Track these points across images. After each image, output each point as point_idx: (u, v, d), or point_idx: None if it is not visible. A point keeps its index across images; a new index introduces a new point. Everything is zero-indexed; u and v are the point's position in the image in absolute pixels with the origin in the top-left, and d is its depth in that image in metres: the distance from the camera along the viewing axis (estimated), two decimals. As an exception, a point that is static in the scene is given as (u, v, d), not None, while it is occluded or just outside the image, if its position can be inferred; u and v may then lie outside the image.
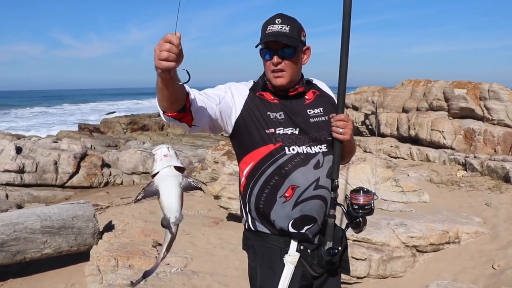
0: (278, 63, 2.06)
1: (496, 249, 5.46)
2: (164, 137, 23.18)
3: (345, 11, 2.13)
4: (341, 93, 2.18)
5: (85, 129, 26.55)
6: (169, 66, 1.61)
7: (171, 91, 1.73)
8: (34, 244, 5.87)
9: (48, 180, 12.07)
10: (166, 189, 1.80)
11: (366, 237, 5.23)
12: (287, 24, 2.06)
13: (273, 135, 2.07)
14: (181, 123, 1.89)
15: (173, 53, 1.59)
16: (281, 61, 2.06)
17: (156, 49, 1.61)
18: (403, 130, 12.39)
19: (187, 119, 1.89)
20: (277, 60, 2.05)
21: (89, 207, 6.63)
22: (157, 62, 1.61)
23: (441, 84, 12.33)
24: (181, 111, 1.84)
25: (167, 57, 1.59)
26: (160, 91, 1.73)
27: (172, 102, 1.79)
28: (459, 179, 9.09)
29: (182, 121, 1.88)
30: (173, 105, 1.81)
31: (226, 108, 2.04)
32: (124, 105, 63.53)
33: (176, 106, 1.82)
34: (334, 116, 2.14)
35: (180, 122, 1.88)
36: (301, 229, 2.10)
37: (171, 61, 1.60)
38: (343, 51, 2.14)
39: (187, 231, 6.75)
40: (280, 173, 2.07)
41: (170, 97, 1.76)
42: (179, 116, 1.85)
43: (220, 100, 2.01)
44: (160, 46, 1.60)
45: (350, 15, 2.13)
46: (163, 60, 1.60)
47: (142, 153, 13.61)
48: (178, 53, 1.61)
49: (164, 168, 1.78)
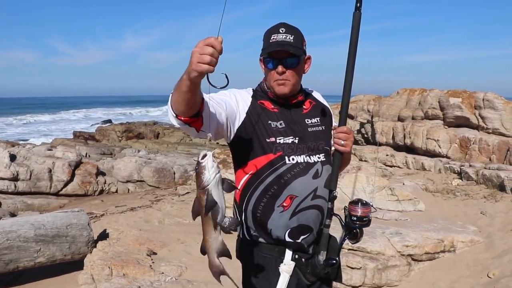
0: (283, 72, 2.07)
1: (491, 257, 5.47)
2: (159, 145, 23.11)
3: (354, 25, 2.12)
4: (345, 105, 2.18)
5: (80, 137, 26.42)
6: (209, 70, 1.57)
7: (194, 95, 1.70)
8: (27, 252, 5.81)
9: (42, 188, 11.97)
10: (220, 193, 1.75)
11: (361, 246, 5.22)
12: (291, 34, 2.07)
13: (273, 144, 2.07)
14: (190, 128, 1.85)
15: (215, 58, 1.56)
16: (285, 71, 2.07)
17: (196, 51, 1.56)
18: (398, 138, 12.42)
19: (197, 124, 1.84)
20: (282, 70, 2.06)
21: (84, 216, 6.59)
22: (196, 65, 1.56)
23: (436, 93, 12.40)
24: (194, 116, 1.80)
25: (209, 61, 1.55)
26: (182, 94, 1.68)
27: (190, 106, 1.75)
28: (455, 187, 9.11)
29: (192, 126, 1.84)
30: (190, 110, 1.76)
31: (231, 114, 2.02)
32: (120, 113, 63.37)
33: (192, 111, 1.77)
34: (336, 128, 2.15)
35: (189, 127, 1.84)
36: (297, 238, 2.10)
37: (212, 66, 1.56)
38: (349, 64, 2.14)
39: (182, 240, 6.72)
40: (279, 182, 2.06)
41: (190, 101, 1.72)
42: (191, 120, 1.81)
43: (226, 106, 1.99)
44: (201, 49, 1.55)
45: (359, 29, 2.13)
46: (205, 63, 1.55)
47: (137, 161, 13.56)
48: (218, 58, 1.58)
49: (217, 174, 1.73)
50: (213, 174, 1.71)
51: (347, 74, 2.14)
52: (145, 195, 11.92)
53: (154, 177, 13.27)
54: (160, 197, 11.15)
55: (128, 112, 65.77)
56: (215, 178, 1.72)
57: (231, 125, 2.04)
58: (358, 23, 2.12)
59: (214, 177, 1.71)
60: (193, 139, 25.83)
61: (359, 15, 2.12)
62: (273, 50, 2.04)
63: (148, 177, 13.25)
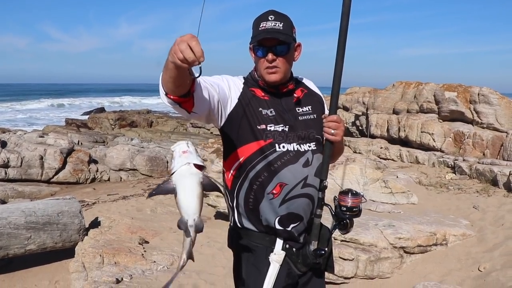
0: (273, 60, 2.04)
1: (482, 251, 5.49)
2: (153, 133, 23.03)
3: (344, 11, 2.07)
4: (335, 94, 2.14)
5: (72, 124, 26.25)
6: (183, 67, 1.58)
7: (180, 75, 1.67)
8: (17, 240, 5.77)
9: (33, 175, 11.89)
10: (184, 187, 1.67)
11: (354, 238, 5.22)
12: (280, 21, 2.04)
13: (264, 131, 2.06)
14: (181, 109, 1.82)
15: (188, 57, 1.53)
16: (275, 58, 2.04)
17: (177, 43, 1.54)
18: (393, 131, 12.43)
19: (187, 105, 1.82)
20: (272, 57, 2.04)
21: (75, 203, 6.54)
22: (172, 56, 1.57)
23: (432, 87, 12.39)
24: (184, 95, 1.77)
25: (182, 59, 1.54)
26: (168, 72, 1.66)
27: (178, 85, 1.72)
28: (448, 181, 9.13)
29: (183, 107, 1.82)
30: (179, 89, 1.74)
31: (223, 98, 2.00)
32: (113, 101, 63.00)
33: (181, 90, 1.75)
34: (326, 117, 2.13)
35: (180, 107, 1.81)
36: (287, 226, 2.09)
37: (184, 63, 1.55)
38: (339, 52, 2.09)
39: (174, 229, 6.68)
40: (269, 169, 2.05)
41: (177, 80, 1.69)
42: (181, 100, 1.78)
43: (219, 90, 1.98)
44: (181, 49, 1.53)
45: (349, 15, 2.08)
46: (179, 59, 1.55)
47: (130, 149, 13.48)
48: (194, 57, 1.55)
49: (183, 165, 1.68)
50: (178, 165, 1.68)
51: (337, 62, 2.10)
52: (138, 184, 11.88)
53: (147, 166, 13.23)
54: (153, 185, 11.10)
55: (121, 100, 65.37)
56: (181, 169, 1.68)
57: (223, 109, 2.02)
58: (348, 9, 2.07)
59: (178, 168, 1.68)
60: (187, 128, 25.77)
61: (349, 1, 2.07)
62: (262, 38, 2.01)
63: (141, 166, 13.21)
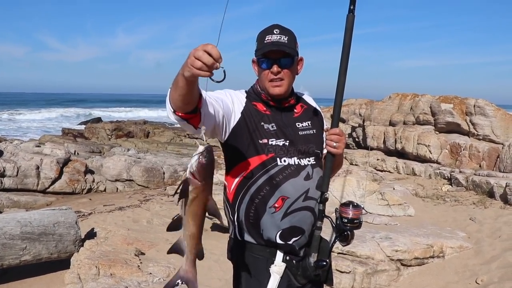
0: (278, 72, 2.08)
1: (480, 264, 5.48)
2: (149, 144, 22.98)
3: (347, 28, 2.13)
4: (337, 107, 2.18)
5: (69, 134, 26.19)
6: (200, 74, 1.58)
7: (190, 92, 1.70)
8: (12, 250, 5.72)
9: (29, 185, 11.82)
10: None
11: (350, 250, 5.20)
12: (285, 35, 2.10)
13: (265, 145, 2.09)
14: (189, 125, 1.85)
15: (207, 65, 1.55)
16: (280, 70, 2.09)
17: (192, 54, 1.56)
18: (389, 143, 12.45)
19: (195, 121, 1.84)
20: (277, 69, 2.08)
21: (71, 214, 6.51)
22: (189, 67, 1.57)
23: (428, 99, 12.44)
24: (192, 112, 1.80)
25: (200, 67, 1.55)
26: (178, 89, 1.69)
27: (187, 102, 1.75)
28: (444, 193, 9.14)
29: (190, 123, 1.84)
30: (187, 106, 1.77)
31: (227, 113, 2.04)
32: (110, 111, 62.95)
33: (189, 107, 1.78)
34: (328, 130, 2.16)
35: (188, 123, 1.83)
36: (289, 240, 2.11)
37: (203, 71, 1.56)
38: (342, 66, 2.14)
39: (170, 240, 6.64)
40: (271, 183, 2.07)
41: (187, 97, 1.72)
42: (189, 117, 1.81)
43: (223, 105, 2.01)
44: (197, 53, 1.55)
45: (352, 32, 2.14)
46: (196, 68, 1.56)
47: (126, 160, 13.44)
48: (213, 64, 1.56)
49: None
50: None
51: (340, 76, 2.15)
52: (134, 195, 11.82)
53: (143, 177, 13.17)
54: (149, 197, 11.06)
55: (118, 110, 65.35)
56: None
57: (227, 123, 2.05)
58: (352, 26, 2.14)
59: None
60: (183, 139, 25.76)
61: (353, 17, 2.13)
62: (269, 50, 2.06)
63: (137, 177, 13.15)
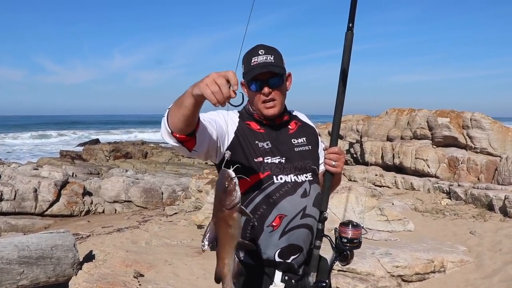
0: (269, 93, 2.07)
1: (481, 277, 5.44)
2: (147, 164, 22.96)
3: (346, 46, 2.10)
4: (336, 125, 2.15)
5: (67, 156, 26.20)
6: (210, 99, 1.57)
7: (195, 112, 1.70)
8: (10, 275, 5.65)
9: (27, 208, 11.78)
10: None
11: (351, 267, 5.16)
12: (271, 54, 2.07)
13: (261, 164, 2.06)
14: (183, 147, 1.84)
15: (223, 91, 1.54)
16: (271, 91, 2.07)
17: (212, 76, 1.56)
18: (387, 158, 12.45)
19: (190, 144, 1.84)
20: (268, 90, 2.06)
21: (69, 237, 6.45)
22: (204, 87, 1.56)
23: (424, 113, 12.49)
24: (189, 134, 1.79)
25: (216, 91, 1.55)
26: (183, 109, 1.67)
27: (188, 124, 1.74)
28: (444, 207, 9.11)
29: (185, 145, 1.83)
30: (188, 128, 1.76)
31: (221, 134, 2.02)
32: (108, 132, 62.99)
33: (189, 129, 1.77)
34: (327, 148, 2.14)
35: (182, 146, 1.83)
36: (288, 258, 2.08)
37: (215, 98, 1.56)
38: (341, 85, 2.11)
39: (169, 261, 6.60)
40: (268, 202, 2.04)
41: (190, 119, 1.71)
42: (186, 139, 1.80)
43: (216, 126, 1.99)
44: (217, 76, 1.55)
45: (351, 49, 2.10)
46: (210, 91, 1.55)
47: (124, 181, 13.42)
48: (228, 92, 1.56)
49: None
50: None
51: (338, 95, 2.12)
52: (132, 216, 11.77)
53: (141, 197, 13.14)
54: (148, 217, 11.01)
55: (115, 131, 65.40)
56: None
57: (221, 145, 2.03)
58: (350, 44, 2.10)
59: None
60: (182, 159, 25.71)
61: (351, 35, 2.09)
62: (258, 73, 2.03)
63: (136, 197, 13.12)
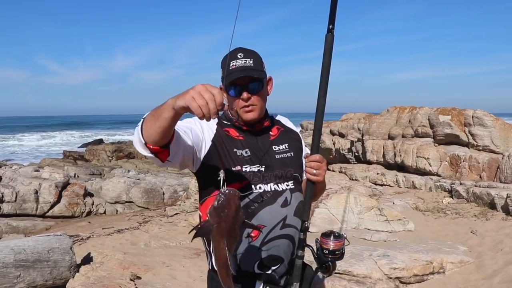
0: (248, 98, 1.98)
1: (481, 278, 5.37)
2: (149, 165, 22.93)
3: (326, 48, 1.98)
4: (317, 132, 2.04)
5: (69, 157, 26.24)
6: (197, 113, 1.51)
7: (172, 125, 1.64)
8: (6, 279, 5.64)
9: (28, 209, 11.79)
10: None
11: (347, 270, 5.11)
12: (250, 57, 1.99)
13: (239, 173, 1.98)
14: (156, 159, 1.77)
15: (209, 106, 1.48)
16: (250, 96, 1.98)
17: (197, 88, 1.49)
18: (389, 157, 12.37)
19: (163, 155, 1.77)
20: (248, 96, 1.98)
21: (66, 239, 6.43)
22: (193, 105, 1.49)
23: (426, 111, 12.41)
24: (164, 146, 1.73)
25: (202, 105, 1.48)
26: (161, 121, 1.61)
27: (164, 136, 1.67)
28: (445, 206, 9.04)
29: (158, 156, 1.76)
30: (163, 140, 1.69)
31: (197, 143, 1.94)
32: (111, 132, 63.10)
33: (164, 141, 1.71)
34: (308, 156, 2.02)
35: (155, 157, 1.76)
36: (268, 270, 2.01)
37: (201, 111, 1.49)
38: (322, 89, 2.00)
39: (167, 263, 6.56)
40: (247, 212, 1.95)
41: (167, 131, 1.65)
42: (160, 150, 1.74)
43: (192, 135, 1.92)
44: (203, 90, 1.49)
45: (331, 52, 1.99)
46: (196, 104, 1.48)
47: (126, 181, 13.40)
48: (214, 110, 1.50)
49: None
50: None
51: (319, 99, 1.99)
52: (133, 216, 11.76)
53: (143, 198, 13.13)
54: (149, 218, 11.00)
55: (118, 131, 65.51)
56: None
57: (197, 153, 1.96)
58: (331, 46, 1.98)
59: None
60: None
61: (332, 37, 1.98)
62: (236, 77, 1.94)
63: (137, 198, 13.11)
